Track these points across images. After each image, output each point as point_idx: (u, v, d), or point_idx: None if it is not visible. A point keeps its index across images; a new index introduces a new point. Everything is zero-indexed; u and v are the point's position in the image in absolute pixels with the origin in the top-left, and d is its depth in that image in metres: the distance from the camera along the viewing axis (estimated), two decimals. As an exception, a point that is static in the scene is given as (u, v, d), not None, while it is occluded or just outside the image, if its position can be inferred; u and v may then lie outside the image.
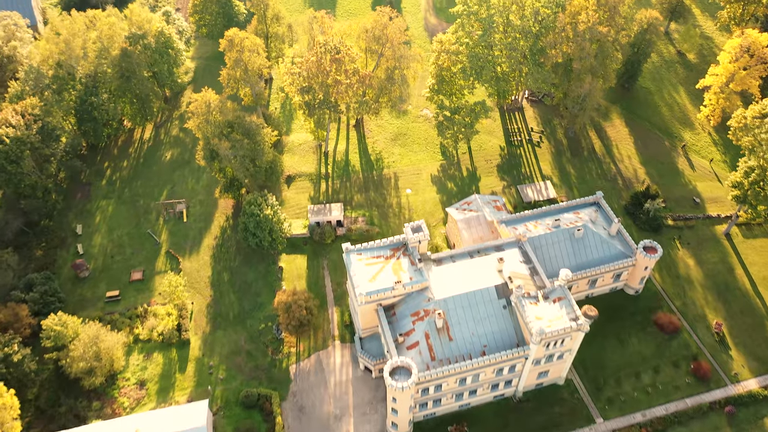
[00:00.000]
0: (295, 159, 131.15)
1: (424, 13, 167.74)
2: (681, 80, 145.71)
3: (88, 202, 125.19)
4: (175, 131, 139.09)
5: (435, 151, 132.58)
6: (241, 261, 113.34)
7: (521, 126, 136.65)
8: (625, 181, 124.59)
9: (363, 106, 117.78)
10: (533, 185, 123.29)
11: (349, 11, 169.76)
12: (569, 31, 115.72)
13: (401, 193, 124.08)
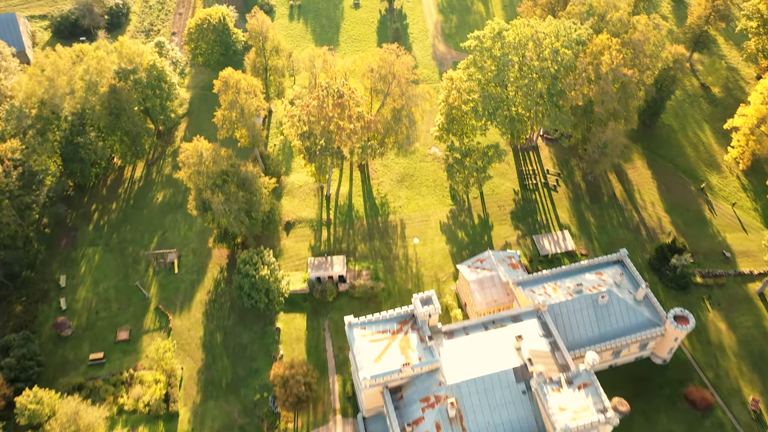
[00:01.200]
0: (294, 203, 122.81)
1: (432, 40, 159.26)
2: (706, 117, 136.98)
3: (74, 249, 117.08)
4: (167, 169, 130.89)
5: (444, 194, 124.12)
6: (236, 319, 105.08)
7: (536, 167, 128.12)
8: (648, 232, 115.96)
9: (367, 150, 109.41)
10: (550, 236, 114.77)
11: (352, 37, 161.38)
12: (590, 72, 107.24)
13: (408, 243, 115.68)
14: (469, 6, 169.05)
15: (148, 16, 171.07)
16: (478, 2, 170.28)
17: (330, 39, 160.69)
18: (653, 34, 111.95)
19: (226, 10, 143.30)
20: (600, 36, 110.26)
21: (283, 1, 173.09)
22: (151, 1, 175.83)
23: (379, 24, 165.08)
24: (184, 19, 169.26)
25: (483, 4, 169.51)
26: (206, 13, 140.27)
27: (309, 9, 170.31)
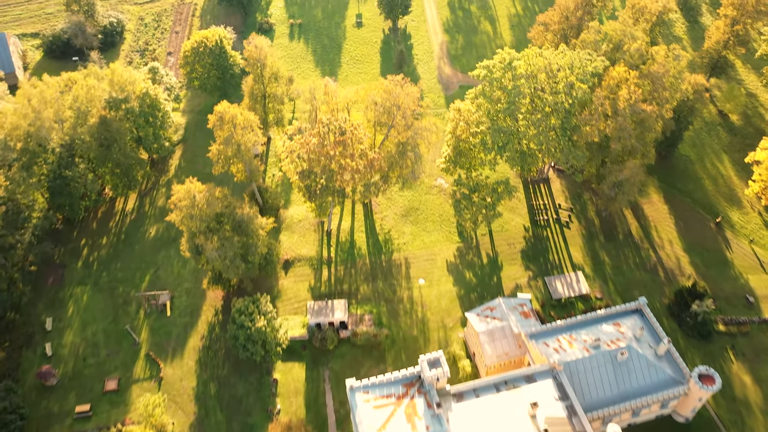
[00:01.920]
0: (293, 239, 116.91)
1: (437, 62, 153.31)
2: (724, 146, 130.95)
3: (61, 288, 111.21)
4: (161, 201, 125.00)
5: (451, 230, 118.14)
6: (231, 369, 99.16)
7: (547, 201, 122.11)
8: (666, 273, 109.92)
9: (370, 188, 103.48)
10: (563, 277, 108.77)
11: (355, 58, 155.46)
12: (607, 107, 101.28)
13: (413, 284, 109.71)
14: (476, 26, 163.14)
15: (144, 34, 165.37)
16: (485, 21, 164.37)
17: (331, 60, 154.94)
18: (673, 65, 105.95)
19: (223, 33, 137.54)
20: (617, 68, 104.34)
21: (283, 19, 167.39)
22: (146, 18, 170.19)
23: (383, 44, 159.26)
24: (181, 39, 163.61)
25: (490, 24, 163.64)
26: (202, 35, 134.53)
27: (310, 28, 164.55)
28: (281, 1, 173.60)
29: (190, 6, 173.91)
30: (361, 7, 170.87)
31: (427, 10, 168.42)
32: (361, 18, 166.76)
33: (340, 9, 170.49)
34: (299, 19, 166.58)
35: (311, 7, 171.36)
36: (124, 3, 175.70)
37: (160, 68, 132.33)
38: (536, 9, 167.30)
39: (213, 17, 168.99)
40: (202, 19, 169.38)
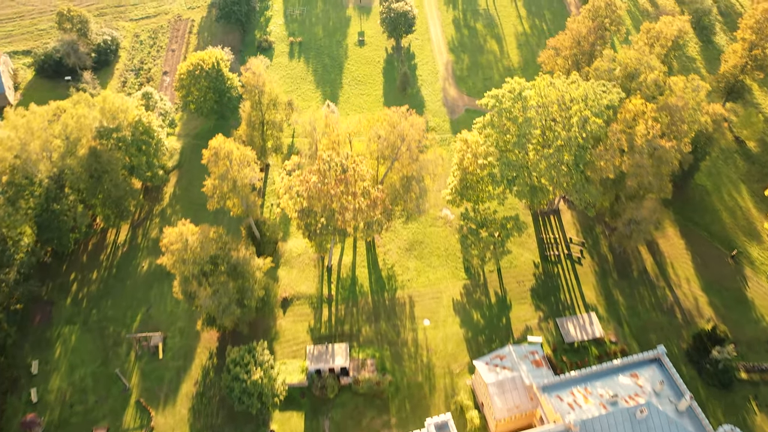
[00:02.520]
0: (293, 274, 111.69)
1: (442, 83, 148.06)
2: (742, 176, 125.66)
3: (49, 327, 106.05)
4: (155, 232, 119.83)
5: (457, 265, 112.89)
6: (225, 418, 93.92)
7: (558, 235, 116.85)
8: (684, 315, 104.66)
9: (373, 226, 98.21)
10: (575, 319, 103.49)
11: (357, 78, 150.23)
12: (623, 142, 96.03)
13: (418, 325, 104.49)
14: (482, 45, 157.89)
15: (139, 52, 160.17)
16: (491, 40, 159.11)
17: (332, 80, 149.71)
18: (691, 96, 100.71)
19: (220, 54, 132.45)
20: (633, 100, 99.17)
21: (283, 37, 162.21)
22: (142, 36, 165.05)
23: (386, 64, 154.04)
24: (177, 57, 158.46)
25: (496, 43, 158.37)
26: (199, 57, 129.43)
27: (310, 46, 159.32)
28: (281, 18, 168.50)
29: (187, 23, 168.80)
30: (363, 25, 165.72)
31: (431, 28, 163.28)
32: (363, 36, 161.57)
33: (341, 26, 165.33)
34: (299, 37, 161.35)
35: (312, 25, 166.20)
36: (119, 19, 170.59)
37: (154, 93, 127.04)
38: (543, 27, 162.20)
39: (210, 34, 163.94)
40: (200, 36, 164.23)
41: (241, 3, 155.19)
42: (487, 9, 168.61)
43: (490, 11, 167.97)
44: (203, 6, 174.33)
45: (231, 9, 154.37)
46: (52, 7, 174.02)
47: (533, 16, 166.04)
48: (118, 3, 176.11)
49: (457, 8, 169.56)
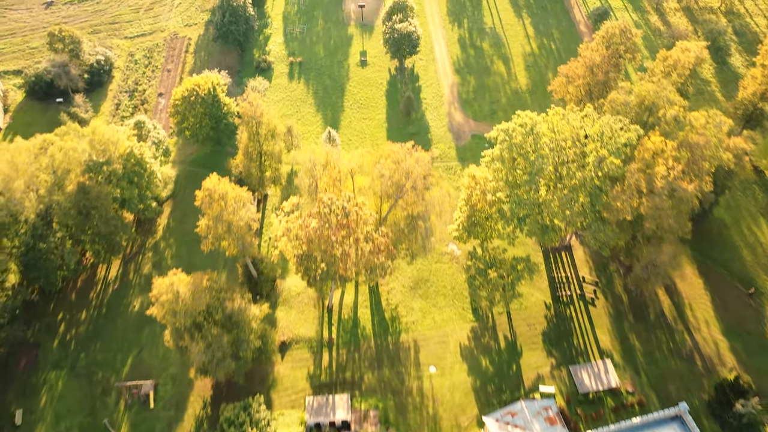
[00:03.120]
0: (291, 315, 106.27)
1: (447, 107, 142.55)
2: (761, 209, 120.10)
3: (34, 373, 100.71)
4: (147, 267, 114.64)
5: (464, 305, 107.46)
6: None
7: (570, 273, 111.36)
8: (704, 362, 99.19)
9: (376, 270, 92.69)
10: (589, 366, 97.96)
11: (359, 101, 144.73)
12: (642, 183, 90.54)
13: (423, 372, 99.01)
14: (488, 66, 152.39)
15: (133, 72, 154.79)
16: (498, 61, 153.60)
17: (334, 103, 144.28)
18: (713, 133, 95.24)
19: (216, 79, 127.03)
20: (652, 137, 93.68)
21: (283, 56, 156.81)
22: (137, 54, 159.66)
23: (389, 86, 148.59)
24: (173, 77, 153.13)
25: (503, 64, 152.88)
26: (194, 83, 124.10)
27: (311, 66, 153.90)
28: (280, 37, 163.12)
29: (183, 41, 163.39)
30: (365, 44, 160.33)
31: (436, 48, 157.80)
32: (366, 56, 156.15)
33: (342, 45, 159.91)
34: (299, 56, 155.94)
35: (312, 44, 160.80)
36: (114, 37, 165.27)
37: (147, 122, 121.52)
38: (552, 47, 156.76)
39: (207, 54, 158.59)
40: (196, 55, 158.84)
41: (239, 22, 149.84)
42: (493, 28, 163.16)
43: (496, 30, 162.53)
44: (200, 23, 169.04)
45: (228, 29, 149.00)
46: (45, 24, 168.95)
47: (541, 35, 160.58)
48: (113, 20, 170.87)
49: (462, 27, 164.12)
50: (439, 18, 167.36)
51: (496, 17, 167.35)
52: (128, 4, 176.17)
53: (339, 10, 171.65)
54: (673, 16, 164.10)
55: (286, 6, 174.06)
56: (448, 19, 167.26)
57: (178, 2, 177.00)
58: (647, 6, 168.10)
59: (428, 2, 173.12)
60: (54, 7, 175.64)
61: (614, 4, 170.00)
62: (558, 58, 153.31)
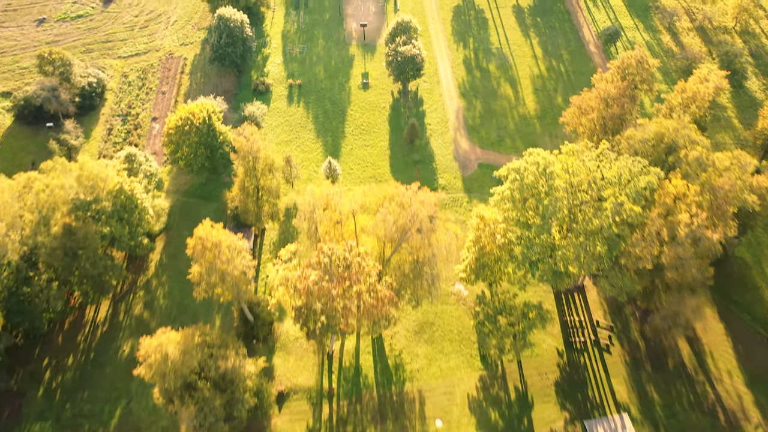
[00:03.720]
0: (290, 362, 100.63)
1: (452, 134, 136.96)
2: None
3: (17, 424, 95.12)
4: (138, 307, 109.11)
5: (472, 351, 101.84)
6: None
7: (583, 317, 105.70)
8: (728, 416, 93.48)
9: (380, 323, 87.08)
10: (605, 421, 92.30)
11: (360, 127, 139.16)
12: (663, 230, 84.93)
13: (429, 426, 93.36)
14: (495, 89, 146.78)
15: (127, 95, 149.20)
16: (505, 84, 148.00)
17: (334, 129, 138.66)
18: (738, 175, 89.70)
19: (212, 106, 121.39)
20: (674, 180, 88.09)
21: (282, 78, 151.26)
22: (130, 76, 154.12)
23: (392, 110, 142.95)
24: (168, 100, 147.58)
25: (511, 87, 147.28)
26: (188, 110, 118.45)
27: (311, 89, 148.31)
28: (279, 57, 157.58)
29: (179, 61, 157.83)
30: (367, 65, 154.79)
31: (440, 70, 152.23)
32: (368, 78, 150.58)
33: (344, 67, 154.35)
34: (299, 79, 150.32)
35: (312, 65, 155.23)
36: (107, 56, 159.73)
37: (138, 154, 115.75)
38: (561, 69, 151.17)
39: (204, 75, 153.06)
40: (192, 76, 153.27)
41: (236, 44, 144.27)
42: (500, 48, 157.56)
43: (503, 50, 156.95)
44: (196, 42, 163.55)
45: (225, 51, 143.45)
46: (36, 42, 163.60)
47: (550, 56, 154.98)
48: (107, 38, 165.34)
49: (468, 47, 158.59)
50: (443, 38, 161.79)
51: (502, 36, 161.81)
52: (122, 22, 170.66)
53: (340, 29, 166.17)
54: (686, 36, 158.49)
55: (285, 24, 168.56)
56: (452, 39, 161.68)
57: (174, 19, 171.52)
58: (659, 25, 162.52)
59: (432, 21, 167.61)
60: (46, 24, 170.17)
61: (625, 23, 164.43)
62: (567, 80, 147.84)
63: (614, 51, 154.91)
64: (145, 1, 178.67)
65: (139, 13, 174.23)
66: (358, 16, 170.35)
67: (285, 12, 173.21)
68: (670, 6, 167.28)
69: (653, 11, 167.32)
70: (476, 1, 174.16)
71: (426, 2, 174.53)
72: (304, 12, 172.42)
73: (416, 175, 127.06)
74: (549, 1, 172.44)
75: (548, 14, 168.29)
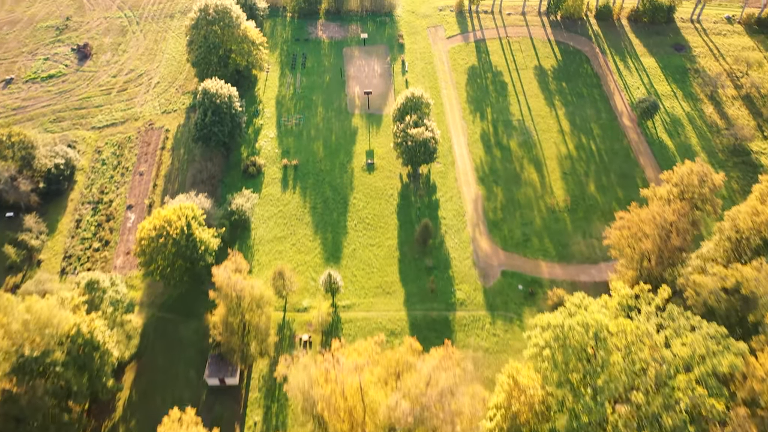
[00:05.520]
0: None
1: (471, 230, 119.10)
2: None
3: None
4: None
5: None
6: None
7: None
8: None
9: None
10: None
11: (365, 220, 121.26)
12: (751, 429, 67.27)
13: None
14: (518, 173, 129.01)
15: (100, 176, 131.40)
16: (528, 166, 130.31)
17: (335, 223, 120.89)
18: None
19: (192, 211, 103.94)
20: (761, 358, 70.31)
21: (275, 157, 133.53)
22: (105, 151, 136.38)
23: (400, 198, 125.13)
24: (146, 183, 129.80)
25: (535, 170, 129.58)
26: (164, 218, 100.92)
27: (308, 171, 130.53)
28: (273, 129, 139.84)
29: (160, 133, 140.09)
30: (372, 139, 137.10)
31: (455, 147, 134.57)
32: (373, 157, 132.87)
33: (345, 142, 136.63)
34: (295, 158, 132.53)
35: (310, 140, 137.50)
36: (79, 126, 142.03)
37: (102, 280, 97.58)
38: (592, 147, 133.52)
39: (187, 151, 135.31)
40: (174, 153, 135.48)
41: (224, 122, 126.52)
42: (522, 120, 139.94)
43: (525, 123, 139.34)
44: (180, 110, 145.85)
45: (211, 131, 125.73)
46: (1, 108, 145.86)
47: (578, 130, 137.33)
48: (80, 104, 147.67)
49: (485, 118, 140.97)
50: (457, 106, 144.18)
51: (524, 105, 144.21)
52: (98, 84, 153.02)
53: (341, 95, 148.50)
54: (730, 107, 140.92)
55: (280, 88, 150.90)
56: (468, 107, 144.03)
57: (156, 81, 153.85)
58: (699, 93, 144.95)
59: (444, 85, 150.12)
60: (13, 86, 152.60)
61: (661, 89, 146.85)
62: (599, 162, 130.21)
63: (651, 126, 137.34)
64: (125, 58, 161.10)
65: (118, 73, 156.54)
66: (362, 78, 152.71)
67: (280, 72, 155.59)
68: (711, 68, 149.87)
69: (692, 75, 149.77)
70: (493, 61, 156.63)
71: (437, 62, 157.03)
72: (300, 73, 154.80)
73: (430, 286, 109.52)
74: (575, 62, 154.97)
75: (574, 78, 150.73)
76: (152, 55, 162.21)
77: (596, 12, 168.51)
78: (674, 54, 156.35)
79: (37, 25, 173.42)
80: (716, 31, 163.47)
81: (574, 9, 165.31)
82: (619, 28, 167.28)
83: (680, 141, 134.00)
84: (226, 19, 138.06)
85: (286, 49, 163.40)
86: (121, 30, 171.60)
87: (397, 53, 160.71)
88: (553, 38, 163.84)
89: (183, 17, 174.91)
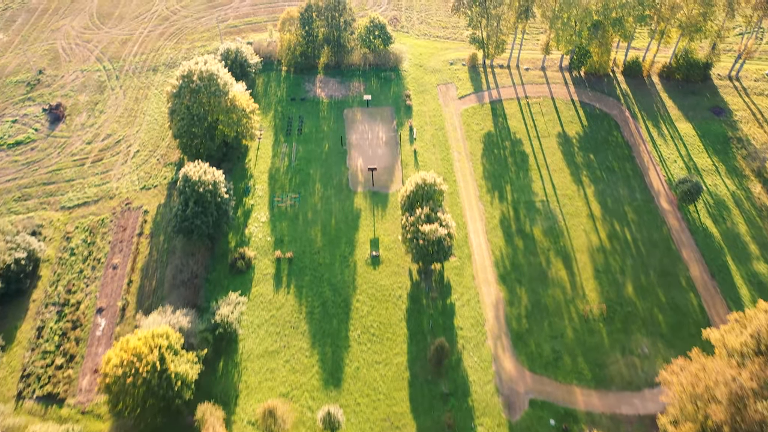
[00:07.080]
0: None
1: (493, 345, 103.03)
2: None
3: None
4: None
5: None
6: None
7: None
8: None
9: None
10: None
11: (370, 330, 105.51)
12: None
13: None
14: (544, 268, 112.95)
15: (68, 270, 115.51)
16: (555, 260, 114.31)
17: (335, 333, 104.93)
18: None
19: (167, 337, 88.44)
20: None
21: (267, 247, 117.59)
22: (74, 239, 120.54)
23: (410, 301, 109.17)
24: (119, 279, 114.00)
25: (564, 265, 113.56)
26: (132, 350, 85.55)
27: (305, 266, 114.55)
28: (265, 212, 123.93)
29: (137, 215, 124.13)
30: (377, 225, 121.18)
31: (471, 236, 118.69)
32: (378, 247, 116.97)
33: (347, 228, 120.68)
34: (289, 249, 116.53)
35: (307, 225, 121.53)
36: (47, 206, 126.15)
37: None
38: (627, 236, 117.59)
39: (167, 239, 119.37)
40: (152, 242, 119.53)
41: (208, 212, 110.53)
42: (546, 201, 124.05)
43: (550, 205, 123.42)
44: (161, 185, 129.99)
45: (193, 223, 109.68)
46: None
47: (610, 215, 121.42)
48: (49, 178, 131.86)
49: (504, 199, 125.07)
50: (473, 184, 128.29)
51: (547, 181, 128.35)
52: (71, 152, 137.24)
53: (342, 168, 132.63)
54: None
55: (273, 159, 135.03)
56: (485, 184, 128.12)
57: (135, 149, 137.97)
58: (745, 168, 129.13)
59: (458, 157, 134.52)
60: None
61: (700, 163, 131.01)
62: (637, 255, 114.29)
63: (693, 210, 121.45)
64: (102, 120, 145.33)
65: (93, 138, 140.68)
66: (365, 147, 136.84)
67: (273, 139, 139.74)
68: (756, 137, 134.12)
69: (734, 145, 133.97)
70: (511, 127, 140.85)
71: (449, 127, 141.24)
72: (296, 141, 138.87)
73: (446, 421, 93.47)
74: (602, 129, 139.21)
75: (603, 148, 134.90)
76: (132, 117, 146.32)
77: (624, 68, 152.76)
78: (713, 119, 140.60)
79: (6, 79, 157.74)
80: (758, 90, 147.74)
81: (600, 65, 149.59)
82: (650, 87, 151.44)
83: (726, 228, 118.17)
84: (212, 87, 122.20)
85: (281, 110, 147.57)
86: (99, 86, 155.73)
87: (404, 117, 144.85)
88: (577, 98, 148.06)
89: (168, 70, 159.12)
